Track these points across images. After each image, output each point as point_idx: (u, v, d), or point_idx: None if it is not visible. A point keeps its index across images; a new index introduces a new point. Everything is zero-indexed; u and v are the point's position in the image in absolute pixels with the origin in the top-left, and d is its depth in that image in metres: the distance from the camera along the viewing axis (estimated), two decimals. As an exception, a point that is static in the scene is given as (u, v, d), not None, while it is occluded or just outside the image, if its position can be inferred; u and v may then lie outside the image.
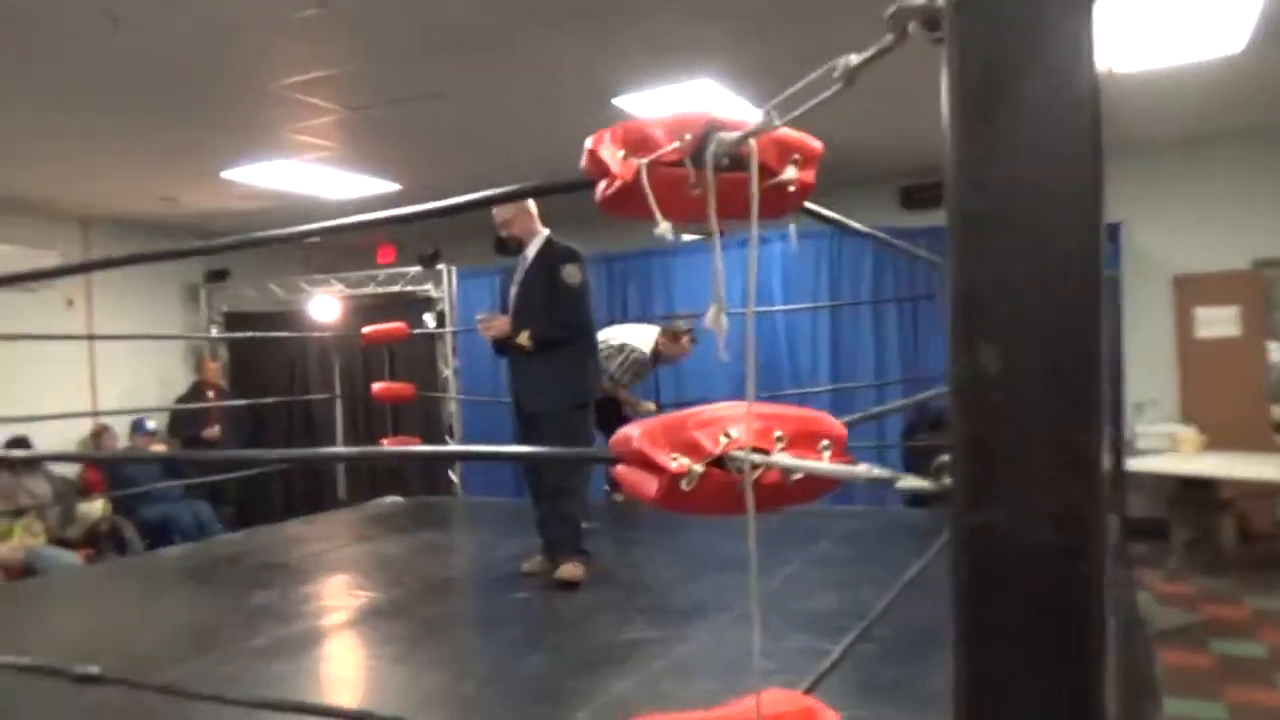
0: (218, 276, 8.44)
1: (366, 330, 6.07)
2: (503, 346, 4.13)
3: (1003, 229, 0.65)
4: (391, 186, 7.16)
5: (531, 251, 4.11)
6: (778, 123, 1.08)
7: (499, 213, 4.12)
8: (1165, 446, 6.44)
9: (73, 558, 5.73)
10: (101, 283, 7.87)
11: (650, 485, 1.16)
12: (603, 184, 1.20)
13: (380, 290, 8.02)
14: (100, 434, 7.28)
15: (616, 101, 5.10)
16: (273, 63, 4.35)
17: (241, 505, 7.68)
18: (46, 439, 6.53)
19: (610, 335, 5.49)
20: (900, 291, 6.51)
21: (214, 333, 8.14)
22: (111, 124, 5.24)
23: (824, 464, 1.13)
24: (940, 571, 1.09)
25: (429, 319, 7.47)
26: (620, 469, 1.23)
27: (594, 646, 3.13)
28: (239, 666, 3.02)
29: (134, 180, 6.43)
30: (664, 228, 1.15)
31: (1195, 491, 6.38)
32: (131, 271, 8.04)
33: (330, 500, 7.81)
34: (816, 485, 1.24)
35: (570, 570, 3.86)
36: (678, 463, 1.13)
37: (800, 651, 3.01)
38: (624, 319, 6.80)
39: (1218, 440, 6.34)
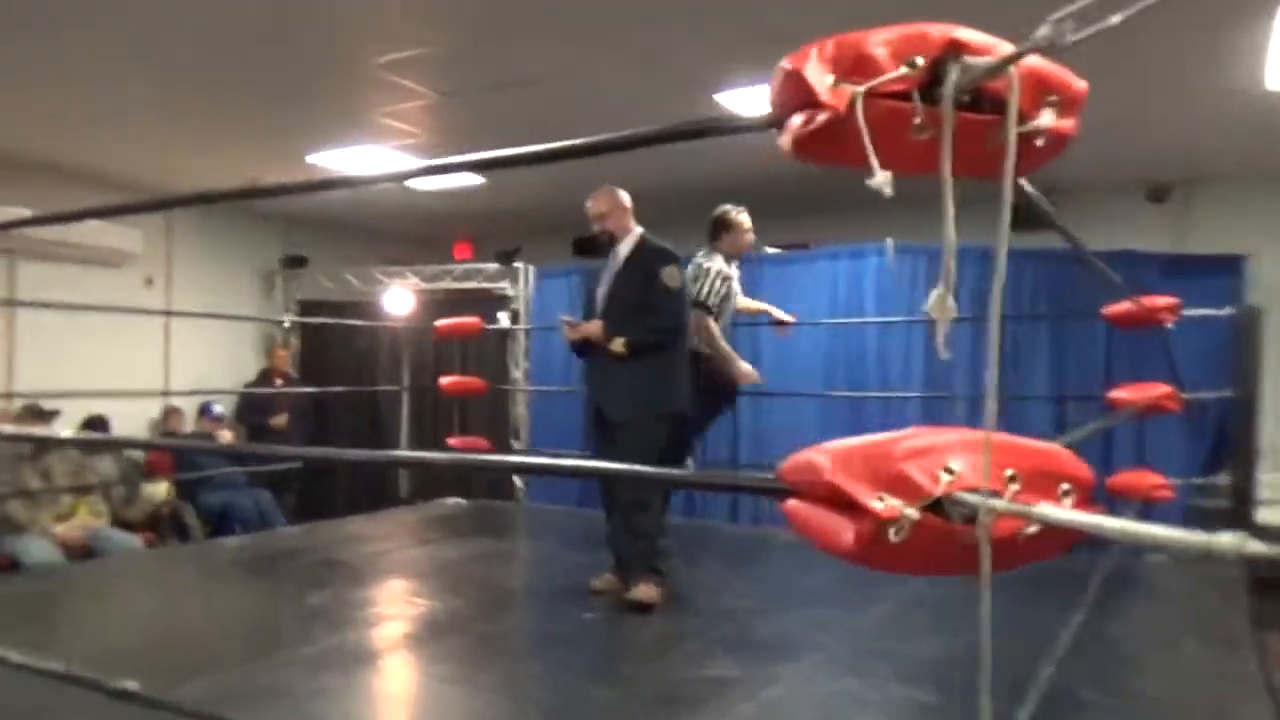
0: (295, 264, 8.36)
1: (440, 323, 5.89)
2: (583, 349, 3.87)
3: None
4: (476, 180, 6.99)
5: (624, 250, 3.84)
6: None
7: (594, 205, 3.87)
8: (1274, 497, 5.90)
9: (133, 541, 5.62)
10: (181, 264, 7.84)
11: (843, 531, 0.87)
12: (800, 117, 0.91)
13: (455, 286, 7.85)
14: (170, 415, 7.23)
15: (719, 98, 4.82)
16: (364, 39, 4.17)
17: (303, 495, 7.56)
18: (119, 418, 6.49)
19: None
20: (1007, 310, 6.11)
21: (287, 320, 8.06)
22: (196, 99, 5.13)
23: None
24: (1085, 631, 0.83)
25: (503, 317, 7.26)
26: (795, 506, 0.94)
27: (672, 681, 2.84)
28: (290, 676, 2.80)
29: (217, 159, 6.34)
30: (882, 179, 0.87)
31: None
32: (210, 255, 8.02)
33: (392, 496, 7.64)
34: (1055, 540, 0.94)
35: (645, 591, 3.58)
36: (885, 504, 0.85)
37: (904, 704, 2.69)
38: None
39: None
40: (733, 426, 6.44)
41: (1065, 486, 0.92)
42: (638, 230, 3.87)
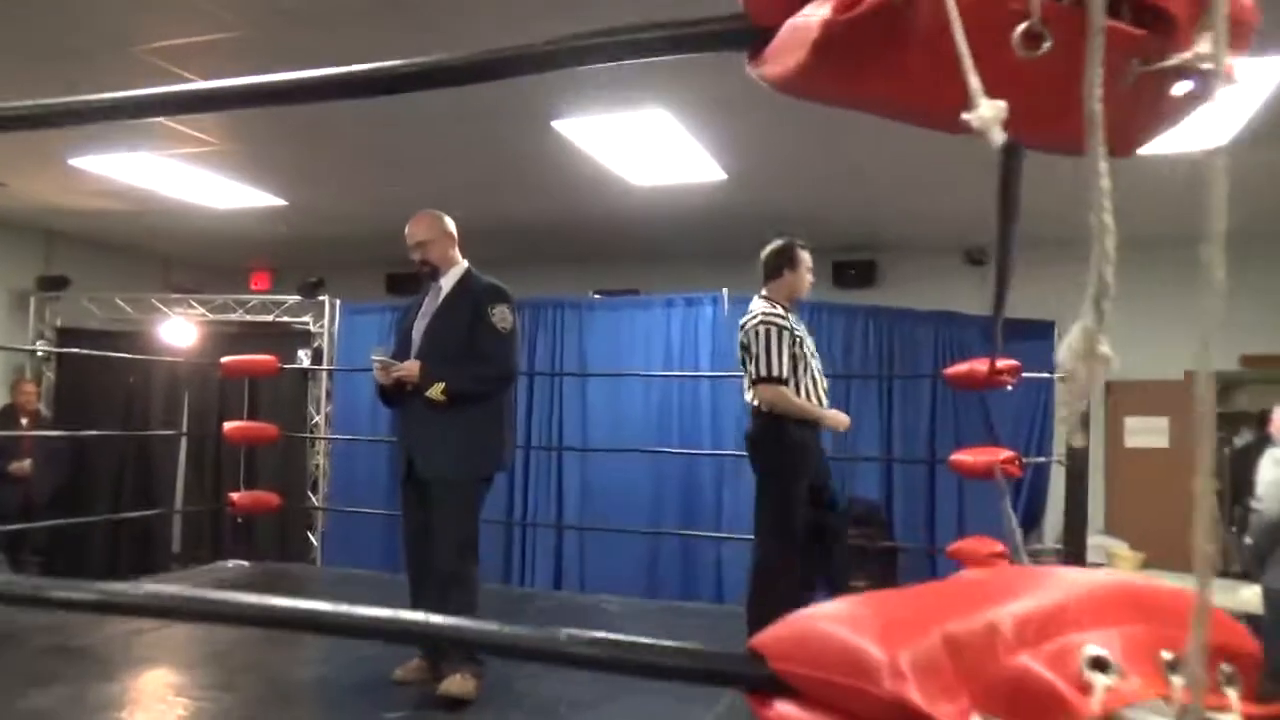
0: (54, 285, 7.22)
1: (226, 360, 5.16)
2: (393, 396, 3.33)
3: None
4: (277, 202, 6.27)
5: (447, 284, 3.35)
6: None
7: (414, 230, 3.36)
8: (1097, 560, 6.06)
9: None
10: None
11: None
12: (828, 5, 0.50)
13: (250, 319, 7.01)
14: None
15: (557, 125, 4.43)
16: (139, 18, 3.49)
17: (51, 558, 6.44)
18: None
19: None
20: (835, 368, 5.98)
21: (40, 348, 6.93)
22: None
23: None
24: None
25: (304, 355, 6.51)
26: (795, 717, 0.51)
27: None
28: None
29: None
30: (990, 110, 0.47)
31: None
32: (-53, 270, 6.83)
33: (161, 558, 6.65)
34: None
35: (459, 684, 3.05)
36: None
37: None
38: (530, 373, 6.05)
39: (1154, 557, 6.02)
40: (558, 484, 5.98)
41: (1227, 669, 0.55)
42: (463, 263, 3.40)
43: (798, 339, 3.56)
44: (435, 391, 3.12)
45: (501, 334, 3.21)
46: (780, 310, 3.57)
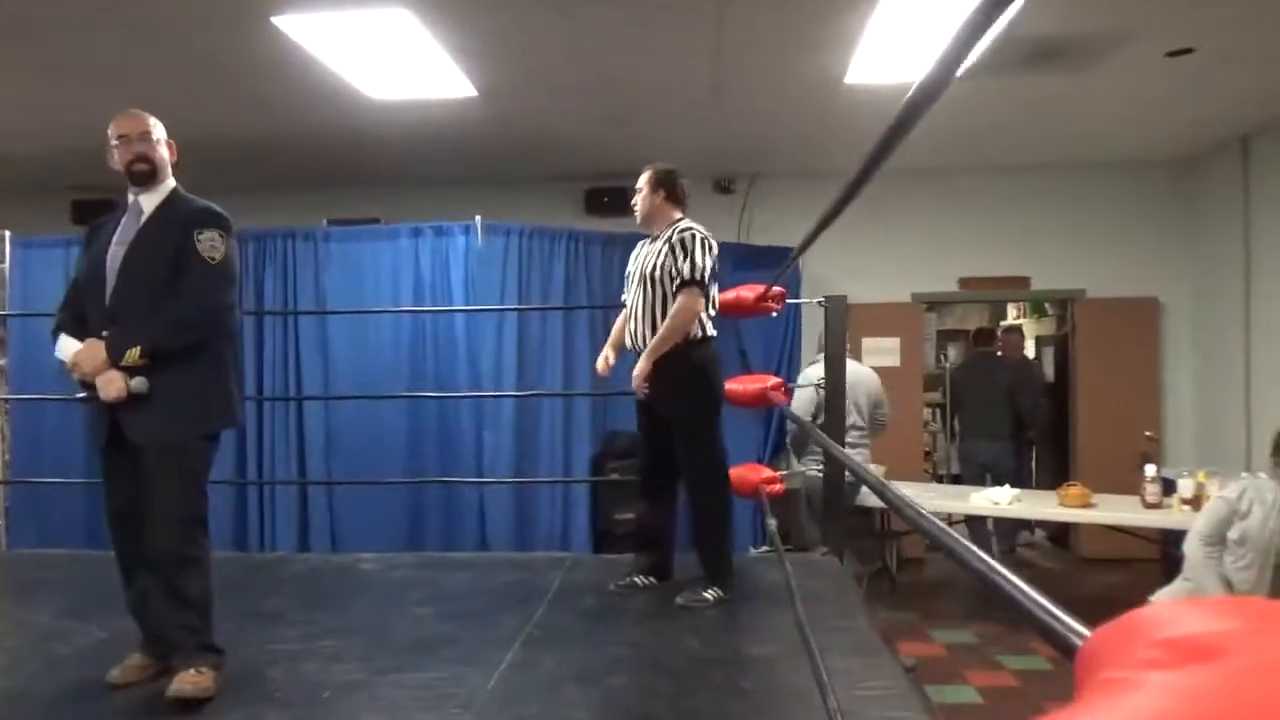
0: None
1: None
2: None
3: None
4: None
5: (149, 206, 2.75)
6: None
7: (138, 124, 2.75)
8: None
9: None
10: None
11: None
12: None
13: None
14: None
15: (278, 21, 3.80)
16: None
17: None
18: None
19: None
20: (593, 299, 5.77)
21: None
22: None
23: None
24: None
25: (-36, 300, 5.41)
26: None
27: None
28: None
29: None
30: None
31: (864, 521, 6.47)
32: None
33: None
34: None
35: (194, 680, 2.57)
36: None
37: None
38: (259, 312, 5.38)
39: (893, 470, 6.42)
40: (299, 436, 5.39)
41: None
42: (171, 182, 2.81)
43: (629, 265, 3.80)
44: (132, 358, 2.58)
45: (210, 264, 2.67)
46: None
